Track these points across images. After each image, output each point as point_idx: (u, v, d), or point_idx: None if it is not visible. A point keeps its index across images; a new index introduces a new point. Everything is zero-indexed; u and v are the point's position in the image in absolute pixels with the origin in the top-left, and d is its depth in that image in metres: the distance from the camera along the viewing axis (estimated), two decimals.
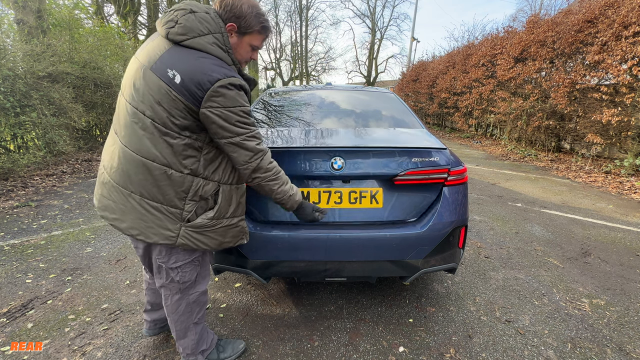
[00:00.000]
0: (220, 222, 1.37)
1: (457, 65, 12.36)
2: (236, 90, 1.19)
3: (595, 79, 6.53)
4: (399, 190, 1.84)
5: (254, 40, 1.32)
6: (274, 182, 1.35)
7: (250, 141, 1.25)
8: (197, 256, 1.45)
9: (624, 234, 3.53)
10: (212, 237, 1.38)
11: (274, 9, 32.35)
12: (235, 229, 1.46)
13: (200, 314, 1.57)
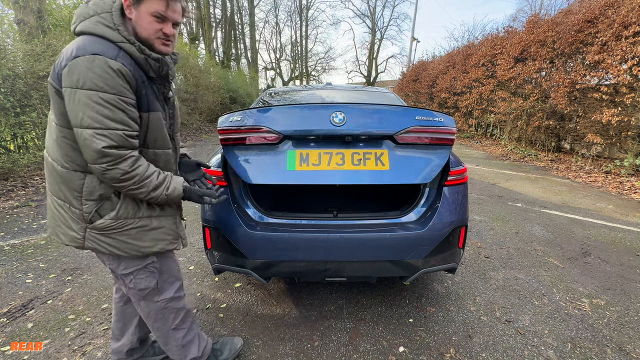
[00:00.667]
0: (127, 222, 1.21)
1: (457, 65, 12.36)
2: (103, 70, 1.01)
3: (595, 79, 6.53)
4: (406, 150, 1.75)
5: (151, 6, 1.10)
6: (138, 191, 1.16)
7: (98, 140, 1.04)
8: (149, 262, 1.32)
9: (624, 234, 3.53)
10: (122, 240, 1.22)
11: (274, 9, 32.37)
12: (155, 231, 1.28)
13: (177, 320, 1.45)
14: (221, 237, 1.83)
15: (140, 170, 1.13)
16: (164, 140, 1.26)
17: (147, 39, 1.14)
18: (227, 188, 1.86)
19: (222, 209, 1.84)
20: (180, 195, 1.27)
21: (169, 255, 1.40)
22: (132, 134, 1.11)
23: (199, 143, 9.27)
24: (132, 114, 1.10)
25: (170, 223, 1.34)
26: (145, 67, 1.14)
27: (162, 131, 1.24)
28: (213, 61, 16.93)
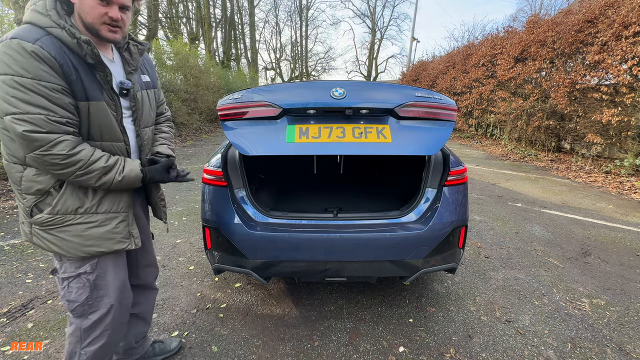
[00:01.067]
0: (66, 218, 1.14)
1: (457, 65, 12.35)
2: (17, 54, 0.97)
3: (596, 79, 6.52)
4: (407, 124, 1.73)
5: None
6: (87, 177, 1.11)
7: (18, 125, 0.99)
8: (84, 272, 1.21)
9: (624, 234, 3.53)
10: (62, 237, 1.15)
11: (274, 9, 32.37)
12: (101, 228, 1.20)
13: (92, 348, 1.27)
14: (221, 237, 1.84)
15: (84, 154, 1.09)
16: (112, 132, 1.19)
17: (92, 25, 1.09)
18: (227, 188, 1.86)
19: (222, 209, 1.84)
20: (138, 176, 1.22)
21: (110, 268, 1.27)
22: (60, 120, 1.04)
23: (199, 143, 9.27)
24: (59, 101, 1.04)
25: (119, 221, 1.25)
26: (79, 51, 1.06)
27: (109, 123, 1.17)
28: (213, 61, 16.93)
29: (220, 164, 1.87)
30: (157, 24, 13.01)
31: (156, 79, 1.48)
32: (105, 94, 1.15)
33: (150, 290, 1.63)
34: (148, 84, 1.39)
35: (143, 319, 1.62)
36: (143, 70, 1.39)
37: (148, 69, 1.43)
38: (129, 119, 1.28)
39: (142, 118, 1.33)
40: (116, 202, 1.24)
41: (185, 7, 18.45)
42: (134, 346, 1.61)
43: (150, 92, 1.40)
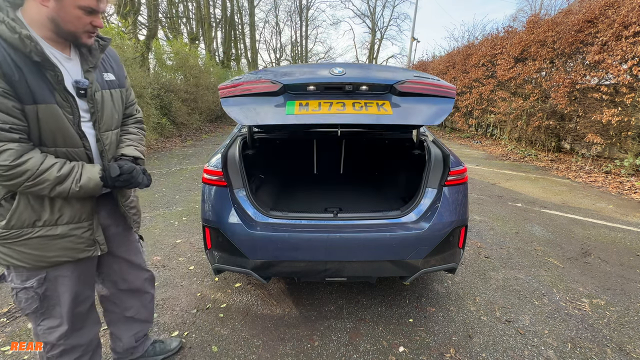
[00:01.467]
0: (23, 232, 1.08)
1: (457, 65, 12.35)
2: None
3: (596, 79, 6.52)
4: (407, 98, 1.76)
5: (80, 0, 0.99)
6: (38, 188, 1.02)
7: None
8: (32, 286, 1.16)
9: (624, 234, 3.53)
10: (20, 250, 1.09)
11: (274, 9, 32.37)
12: (65, 239, 1.14)
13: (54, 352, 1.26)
14: (221, 237, 1.84)
15: (32, 163, 0.99)
16: (68, 137, 1.09)
17: (73, 32, 1.05)
18: (227, 188, 1.86)
19: (222, 209, 1.84)
20: (98, 185, 1.12)
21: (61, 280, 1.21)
22: (2, 127, 0.95)
23: (199, 143, 9.27)
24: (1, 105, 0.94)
25: (83, 231, 1.19)
26: (23, 48, 0.95)
27: (62, 127, 1.06)
28: (213, 61, 16.92)
29: (220, 164, 1.87)
30: (157, 24, 13.00)
31: (124, 77, 1.35)
32: (57, 95, 1.04)
33: (142, 294, 1.59)
34: (112, 82, 1.26)
35: (140, 321, 1.62)
36: (107, 67, 1.26)
37: (113, 66, 1.30)
38: (89, 123, 1.17)
39: (103, 121, 1.21)
40: (77, 212, 1.16)
41: (185, 7, 18.44)
42: (134, 345, 1.62)
43: (115, 92, 1.27)
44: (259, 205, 1.86)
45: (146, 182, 1.28)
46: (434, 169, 1.96)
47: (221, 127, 13.06)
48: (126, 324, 1.58)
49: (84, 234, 1.20)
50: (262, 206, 1.90)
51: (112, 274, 1.46)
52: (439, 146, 2.09)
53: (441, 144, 2.11)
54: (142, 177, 1.25)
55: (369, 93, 1.74)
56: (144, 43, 10.39)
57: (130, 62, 7.87)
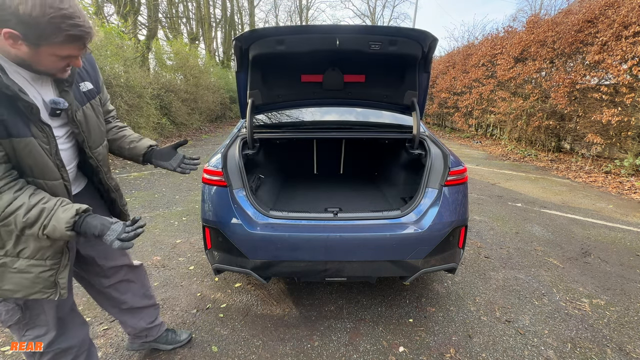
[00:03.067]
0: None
1: (457, 65, 12.35)
2: None
3: (595, 79, 6.52)
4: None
5: (62, 51, 0.92)
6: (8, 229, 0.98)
7: None
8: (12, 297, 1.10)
9: (624, 234, 3.53)
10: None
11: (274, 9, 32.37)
12: (20, 275, 1.04)
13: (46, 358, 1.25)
14: (221, 237, 1.84)
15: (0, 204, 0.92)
16: (45, 170, 1.02)
17: (46, 72, 0.98)
18: (227, 188, 1.86)
19: (222, 209, 1.84)
20: (65, 236, 1.00)
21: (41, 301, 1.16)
22: None
23: (199, 143, 9.27)
24: None
25: (43, 270, 1.07)
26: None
27: (40, 160, 0.99)
28: (213, 61, 16.93)
29: (220, 164, 1.87)
30: (157, 24, 13.00)
31: (99, 79, 1.26)
32: (33, 128, 0.96)
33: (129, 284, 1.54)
34: (91, 92, 1.18)
35: (140, 308, 1.61)
36: (83, 76, 1.17)
37: (89, 71, 1.21)
38: (68, 144, 1.11)
39: (92, 139, 1.16)
40: (42, 249, 1.06)
41: (185, 7, 18.44)
42: (146, 327, 1.66)
43: (95, 102, 1.19)
44: (258, 205, 1.86)
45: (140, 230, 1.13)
46: (433, 169, 1.96)
47: (221, 127, 13.06)
48: (128, 314, 1.60)
49: (43, 274, 1.07)
50: (262, 206, 1.90)
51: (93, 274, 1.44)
52: (439, 146, 2.10)
53: (441, 144, 2.11)
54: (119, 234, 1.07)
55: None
56: (144, 43, 10.39)
57: (131, 62, 7.87)
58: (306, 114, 2.70)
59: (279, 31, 2.02)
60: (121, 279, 1.51)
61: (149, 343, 1.74)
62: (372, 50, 2.08)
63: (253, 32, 2.00)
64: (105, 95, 1.35)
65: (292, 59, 2.27)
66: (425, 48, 2.09)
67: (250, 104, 2.27)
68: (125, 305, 1.55)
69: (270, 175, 2.94)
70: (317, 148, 3.52)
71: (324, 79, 2.46)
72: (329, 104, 2.69)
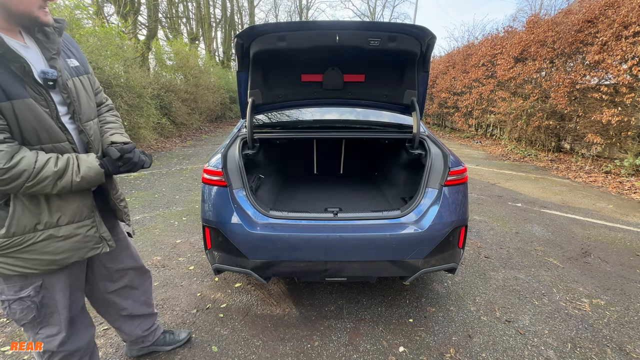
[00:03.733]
0: (25, 238, 1.03)
1: (457, 65, 12.35)
2: None
3: (595, 79, 6.52)
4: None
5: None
6: (40, 187, 0.98)
7: None
8: (28, 295, 1.12)
9: (624, 234, 3.53)
10: (27, 258, 1.05)
11: (274, 9, 32.38)
12: (70, 240, 1.11)
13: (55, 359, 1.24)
14: (221, 237, 1.84)
15: (26, 162, 0.94)
16: (51, 132, 1.03)
17: (28, 13, 0.96)
18: (227, 188, 1.86)
19: (222, 209, 1.84)
20: (99, 172, 1.09)
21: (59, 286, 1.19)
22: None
23: (199, 143, 9.27)
24: None
25: (86, 229, 1.16)
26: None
27: (43, 121, 1.00)
28: (213, 61, 16.92)
29: (220, 164, 1.87)
30: (157, 24, 13.00)
31: (86, 62, 1.26)
32: (29, 89, 0.97)
33: (131, 290, 1.55)
34: (78, 69, 1.19)
35: (138, 316, 1.62)
36: (68, 54, 1.17)
37: (74, 52, 1.21)
38: (66, 116, 1.11)
39: (82, 111, 1.15)
40: (77, 210, 1.12)
41: (185, 7, 18.44)
42: (141, 335, 1.66)
43: (84, 79, 1.20)
44: (258, 205, 1.86)
45: (148, 161, 1.25)
46: (433, 168, 1.96)
47: (221, 127, 13.06)
48: (126, 321, 1.59)
49: (89, 232, 1.17)
50: (262, 206, 1.90)
51: (99, 278, 1.42)
52: (439, 146, 2.09)
53: (441, 143, 2.11)
54: (143, 156, 1.22)
55: None
56: (144, 43, 10.39)
57: (130, 62, 7.87)
58: (306, 114, 2.70)
59: (279, 27, 2.01)
60: (125, 284, 1.52)
61: (147, 347, 1.73)
62: (372, 47, 2.07)
63: (253, 28, 2.00)
64: (96, 82, 1.34)
65: (292, 57, 2.27)
66: (424, 45, 2.09)
67: (250, 104, 2.27)
68: (125, 311, 1.55)
69: (270, 175, 2.94)
70: (317, 148, 3.52)
71: (324, 78, 2.46)
72: (329, 103, 2.69)
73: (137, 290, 1.59)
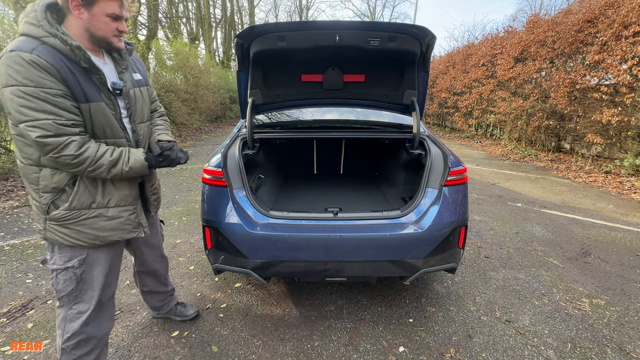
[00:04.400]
0: (81, 213, 1.26)
1: (457, 65, 12.35)
2: (20, 65, 1.04)
3: (595, 79, 6.52)
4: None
5: (105, 8, 1.16)
6: (98, 172, 1.22)
7: (31, 132, 1.08)
8: (72, 266, 1.30)
9: (624, 234, 3.53)
10: (79, 230, 1.27)
11: (274, 9, 32.38)
12: (115, 220, 1.33)
13: (71, 342, 1.35)
14: (221, 237, 1.84)
15: (90, 151, 1.19)
16: (114, 129, 1.30)
17: (104, 38, 1.23)
18: (227, 188, 1.86)
19: (222, 209, 1.84)
20: (143, 165, 1.32)
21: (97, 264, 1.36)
22: (66, 123, 1.14)
23: (199, 143, 9.27)
24: (62, 104, 1.12)
25: (128, 213, 1.38)
26: (74, 57, 1.14)
27: (109, 121, 1.27)
28: (213, 61, 16.93)
29: (220, 164, 1.87)
30: (157, 24, 13.01)
31: (147, 76, 1.55)
32: (103, 95, 1.24)
33: (156, 273, 1.83)
34: (140, 81, 1.47)
35: (157, 292, 1.91)
36: (134, 69, 1.46)
37: (139, 67, 1.50)
38: (126, 117, 1.37)
39: (137, 114, 1.41)
40: (124, 196, 1.36)
41: (185, 7, 18.44)
42: (157, 305, 1.95)
43: (143, 89, 1.47)
44: (258, 205, 1.86)
45: (184, 157, 1.47)
46: (433, 169, 1.96)
47: (221, 127, 13.06)
48: (145, 295, 1.90)
49: (130, 217, 1.39)
50: (262, 206, 1.90)
51: (135, 258, 1.71)
52: (439, 146, 2.09)
53: (441, 143, 2.11)
54: (180, 153, 1.45)
55: None
56: (144, 43, 10.39)
57: None
58: (306, 114, 2.70)
59: (279, 27, 2.01)
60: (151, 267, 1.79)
61: (162, 314, 2.01)
62: (372, 47, 2.07)
63: (253, 28, 2.00)
64: (153, 93, 1.64)
65: (292, 57, 2.27)
66: (424, 45, 2.09)
67: (250, 104, 2.27)
68: (146, 287, 1.86)
69: (270, 175, 2.94)
70: (317, 148, 3.52)
71: (324, 78, 2.46)
72: (329, 103, 2.69)
73: (158, 272, 1.84)
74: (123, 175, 1.29)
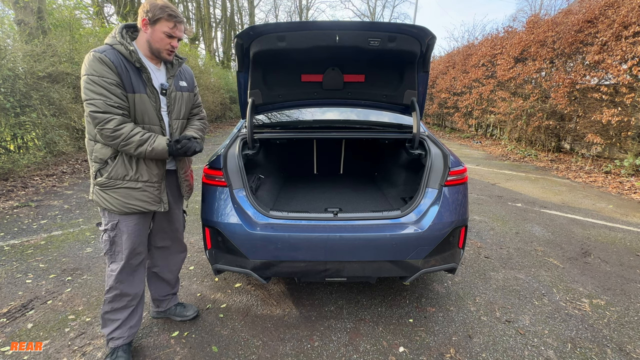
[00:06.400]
0: (117, 182, 1.55)
1: (457, 65, 12.35)
2: (92, 60, 1.42)
3: (595, 79, 6.52)
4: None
5: (163, 27, 1.53)
6: (128, 147, 1.49)
7: (88, 107, 1.43)
8: (107, 228, 1.61)
9: (624, 234, 3.53)
10: (113, 196, 1.56)
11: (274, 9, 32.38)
12: (141, 192, 1.60)
13: (109, 295, 1.66)
14: (221, 237, 1.84)
15: (125, 129, 1.47)
16: (152, 118, 1.59)
17: (157, 50, 1.57)
18: (227, 188, 1.86)
19: (222, 209, 1.84)
20: (164, 149, 1.55)
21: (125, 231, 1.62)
22: (113, 104, 1.44)
23: None
24: (114, 91, 1.45)
25: (153, 189, 1.64)
26: (130, 58, 1.50)
27: (148, 110, 1.57)
28: (213, 61, 16.94)
29: (220, 164, 1.87)
30: None
31: (194, 86, 1.87)
32: (147, 89, 1.56)
33: (169, 255, 1.94)
34: (184, 87, 1.78)
35: (163, 280, 1.96)
36: (182, 77, 1.78)
37: (187, 77, 1.82)
38: (165, 112, 1.67)
39: (174, 111, 1.71)
40: (152, 174, 1.63)
41: (185, 7, 18.44)
42: (158, 298, 2.00)
43: (185, 94, 1.77)
44: (258, 205, 1.86)
45: (199, 147, 1.65)
46: (433, 169, 1.96)
47: (221, 127, 13.06)
48: (152, 278, 1.95)
49: (154, 192, 1.64)
50: (262, 206, 1.90)
51: (154, 232, 1.84)
52: (439, 146, 2.09)
53: (441, 144, 2.11)
54: (195, 144, 1.65)
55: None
56: None
57: None
58: (306, 114, 2.70)
59: (279, 27, 2.01)
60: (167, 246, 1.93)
61: (162, 312, 2.04)
62: (371, 47, 2.07)
63: (253, 28, 1.99)
64: (198, 100, 1.91)
65: (292, 58, 2.26)
66: (424, 45, 2.09)
67: (250, 104, 2.27)
68: (155, 268, 1.93)
69: (270, 175, 2.94)
70: (317, 148, 3.52)
71: (324, 78, 2.46)
72: (329, 104, 2.69)
73: (172, 257, 1.95)
74: (147, 155, 1.53)
